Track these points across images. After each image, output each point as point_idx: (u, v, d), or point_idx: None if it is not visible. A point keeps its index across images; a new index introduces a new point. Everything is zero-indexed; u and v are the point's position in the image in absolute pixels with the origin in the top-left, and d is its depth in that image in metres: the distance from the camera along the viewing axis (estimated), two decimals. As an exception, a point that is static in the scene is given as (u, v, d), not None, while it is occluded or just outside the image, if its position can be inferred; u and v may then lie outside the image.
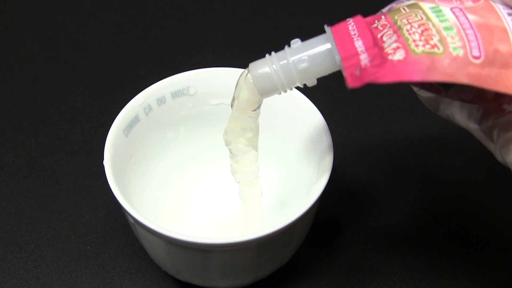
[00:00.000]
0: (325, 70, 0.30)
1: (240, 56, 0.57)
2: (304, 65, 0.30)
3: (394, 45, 0.28)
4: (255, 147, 0.36)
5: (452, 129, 0.50)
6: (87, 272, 0.42)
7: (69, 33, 0.59)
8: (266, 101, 0.40)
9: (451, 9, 0.28)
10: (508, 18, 0.28)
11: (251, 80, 0.32)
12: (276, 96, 0.35)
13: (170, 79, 0.41)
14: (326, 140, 0.38)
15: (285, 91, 0.32)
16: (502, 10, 0.28)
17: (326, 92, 0.52)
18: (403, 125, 0.51)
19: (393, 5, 0.30)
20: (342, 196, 0.46)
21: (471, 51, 0.27)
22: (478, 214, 0.45)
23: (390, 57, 0.27)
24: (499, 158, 0.30)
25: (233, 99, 0.34)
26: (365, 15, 0.32)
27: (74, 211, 0.45)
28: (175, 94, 0.41)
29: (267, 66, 0.31)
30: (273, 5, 0.62)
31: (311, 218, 0.39)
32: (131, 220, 0.35)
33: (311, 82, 0.31)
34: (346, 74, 0.28)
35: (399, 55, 0.27)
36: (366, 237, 0.44)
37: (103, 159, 0.36)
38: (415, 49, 0.27)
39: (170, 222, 0.42)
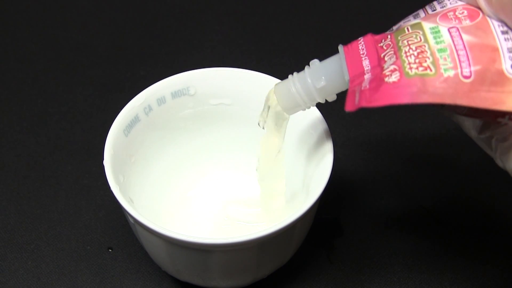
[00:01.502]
0: (341, 87, 0.33)
1: (240, 56, 0.57)
2: (322, 84, 0.33)
3: (392, 67, 0.29)
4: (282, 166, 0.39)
5: (452, 129, 0.50)
6: (87, 272, 0.42)
7: (69, 33, 0.59)
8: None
9: (448, 29, 0.29)
10: (502, 36, 0.29)
11: (276, 99, 0.35)
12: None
13: (170, 79, 0.41)
14: (326, 140, 0.38)
15: (308, 107, 0.35)
16: (496, 28, 0.29)
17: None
18: (403, 125, 0.51)
19: (401, 23, 0.32)
20: (342, 196, 0.46)
21: (462, 72, 0.28)
22: (478, 214, 0.45)
23: (386, 79, 0.29)
24: (500, 164, 0.31)
25: (262, 119, 0.37)
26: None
27: (74, 211, 0.45)
28: (175, 94, 0.41)
29: (290, 86, 0.34)
30: (273, 5, 0.62)
31: (311, 218, 0.39)
32: (131, 220, 0.35)
33: (331, 98, 0.34)
34: (347, 97, 0.31)
35: (394, 77, 0.29)
36: (366, 238, 0.44)
37: (103, 159, 0.36)
38: (409, 71, 0.29)
39: (170, 222, 0.42)
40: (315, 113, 0.39)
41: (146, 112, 0.40)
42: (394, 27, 0.32)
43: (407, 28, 0.31)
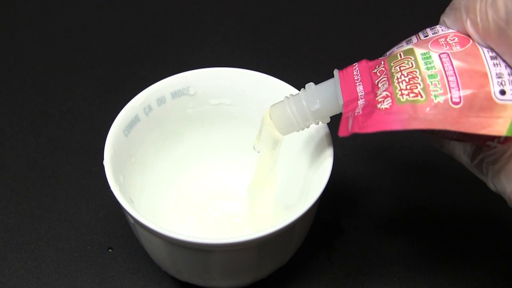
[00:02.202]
0: (335, 110, 0.34)
1: (240, 56, 0.57)
2: (316, 107, 0.34)
3: (384, 93, 0.30)
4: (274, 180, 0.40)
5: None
6: (87, 272, 0.42)
7: (69, 33, 0.59)
8: (267, 102, 0.40)
9: (439, 55, 0.30)
10: (491, 62, 0.29)
11: (272, 120, 0.36)
12: (275, 97, 0.37)
13: (170, 79, 0.41)
14: (326, 140, 0.38)
15: (302, 129, 0.36)
16: (486, 54, 0.30)
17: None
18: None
19: (394, 49, 0.33)
20: (342, 196, 0.46)
21: (451, 98, 0.29)
22: (478, 214, 0.45)
23: (379, 105, 0.30)
24: (492, 187, 0.32)
25: (257, 142, 0.38)
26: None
27: (74, 211, 0.45)
28: (175, 94, 0.41)
29: (285, 107, 0.35)
30: (273, 5, 0.62)
31: (311, 218, 0.39)
32: (131, 220, 0.35)
33: (325, 120, 0.35)
34: (341, 122, 0.31)
35: (386, 104, 0.30)
36: (366, 238, 0.44)
37: (103, 159, 0.36)
38: (400, 98, 0.29)
39: (170, 222, 0.42)
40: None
41: (146, 112, 0.40)
42: (388, 53, 0.33)
43: (400, 54, 0.31)
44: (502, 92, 0.29)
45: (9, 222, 0.44)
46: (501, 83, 0.29)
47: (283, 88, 0.40)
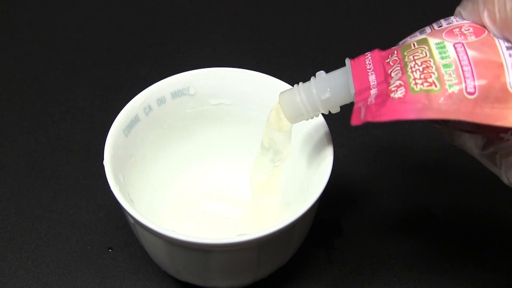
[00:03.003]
0: (345, 100, 0.33)
1: (240, 56, 0.57)
2: (326, 95, 0.33)
3: (398, 82, 0.29)
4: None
5: (452, 129, 0.50)
6: (87, 272, 0.42)
7: (69, 33, 0.59)
8: (267, 102, 0.40)
9: (454, 44, 0.29)
10: (506, 52, 0.29)
11: (280, 107, 0.36)
12: (275, 97, 0.36)
13: (170, 79, 0.41)
14: (326, 140, 0.38)
15: (312, 118, 0.35)
16: (501, 44, 0.29)
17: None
18: (403, 125, 0.51)
19: (407, 39, 0.32)
20: (342, 196, 0.46)
21: (466, 88, 0.28)
22: (478, 214, 0.45)
23: (392, 94, 0.29)
24: (505, 181, 0.31)
25: (266, 139, 0.38)
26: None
27: (74, 211, 0.45)
28: (175, 94, 0.41)
29: (295, 95, 0.34)
30: (273, 5, 0.62)
31: (311, 218, 0.39)
32: (131, 220, 0.35)
33: (335, 110, 0.34)
34: (354, 111, 0.31)
35: (400, 93, 0.29)
36: (366, 238, 0.44)
37: (103, 159, 0.36)
38: (414, 87, 0.29)
39: (170, 222, 0.42)
40: (318, 117, 0.39)
41: (146, 112, 0.40)
42: (400, 42, 0.32)
43: (413, 44, 0.31)
44: None
45: (9, 222, 0.44)
46: None
47: (283, 88, 0.40)
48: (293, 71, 0.55)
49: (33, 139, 0.50)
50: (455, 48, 0.29)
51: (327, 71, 0.34)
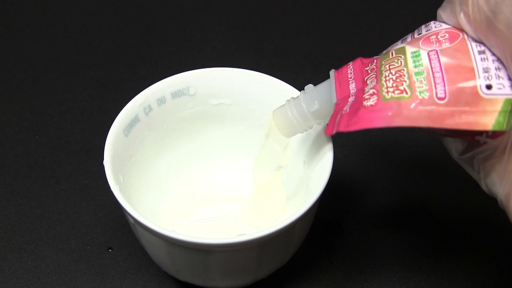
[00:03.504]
0: (333, 110, 0.33)
1: (240, 56, 0.57)
2: (315, 107, 0.35)
3: (371, 91, 0.30)
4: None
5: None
6: (87, 272, 0.42)
7: (69, 33, 0.59)
8: (267, 102, 0.40)
9: (428, 52, 0.30)
10: (478, 56, 0.29)
11: (275, 124, 0.37)
12: (275, 97, 0.37)
13: (170, 79, 0.41)
14: (326, 140, 0.38)
15: (306, 130, 0.36)
16: (474, 48, 0.30)
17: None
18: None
19: (390, 48, 0.33)
20: (342, 196, 0.46)
21: (436, 93, 0.29)
22: (478, 214, 0.45)
23: (365, 102, 0.30)
24: (484, 187, 0.31)
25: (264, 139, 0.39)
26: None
27: (74, 211, 0.45)
28: (175, 94, 0.41)
29: (286, 110, 0.36)
30: (273, 5, 0.62)
31: (311, 218, 0.39)
32: (131, 220, 0.35)
33: (327, 120, 0.35)
34: (329, 121, 0.32)
35: (372, 101, 0.30)
36: (366, 238, 0.44)
37: (103, 159, 0.36)
38: (386, 95, 0.29)
39: (170, 222, 0.42)
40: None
41: (146, 112, 0.40)
42: (384, 51, 0.33)
43: (392, 53, 0.31)
44: (488, 87, 0.29)
45: (9, 222, 0.44)
46: (488, 78, 0.29)
47: (283, 88, 0.40)
48: (293, 71, 0.55)
49: (33, 139, 0.50)
50: (429, 56, 0.30)
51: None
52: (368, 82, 0.31)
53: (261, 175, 0.40)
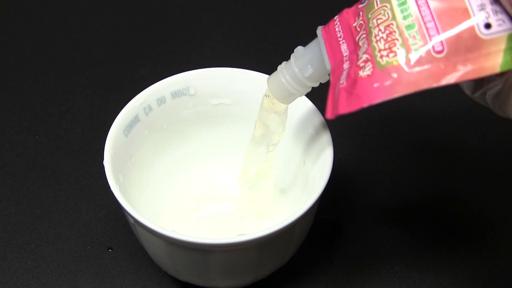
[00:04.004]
0: (328, 69, 0.32)
1: (240, 56, 0.57)
2: (310, 71, 0.33)
3: (364, 57, 0.28)
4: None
5: (452, 130, 0.50)
6: (87, 272, 0.42)
7: (69, 33, 0.59)
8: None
9: None
10: None
11: (270, 92, 0.35)
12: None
13: (170, 79, 0.41)
14: (326, 140, 0.38)
15: (304, 93, 0.35)
16: None
17: (326, 92, 0.52)
18: (403, 125, 0.51)
19: None
20: (342, 196, 0.46)
21: (433, 47, 0.26)
22: (478, 215, 0.45)
23: (361, 72, 0.27)
24: (502, 114, 0.30)
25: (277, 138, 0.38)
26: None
27: (74, 211, 0.45)
28: (175, 94, 0.41)
29: (280, 77, 0.34)
30: (273, 5, 0.62)
31: (311, 218, 0.39)
32: (131, 220, 0.35)
33: (324, 79, 0.33)
34: (328, 101, 0.29)
35: (368, 70, 0.27)
36: (366, 238, 0.44)
37: (103, 159, 0.36)
38: (380, 60, 0.27)
39: (170, 222, 0.42)
40: (315, 113, 0.39)
41: (146, 112, 0.40)
42: None
43: (376, 2, 0.28)
44: (487, 26, 0.26)
45: (9, 222, 0.44)
46: (485, 16, 0.26)
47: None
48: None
49: (33, 139, 0.50)
50: (416, 2, 0.27)
51: None
52: (360, 43, 0.28)
53: (255, 162, 0.39)
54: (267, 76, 0.41)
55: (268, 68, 0.55)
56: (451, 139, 0.50)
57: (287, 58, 0.58)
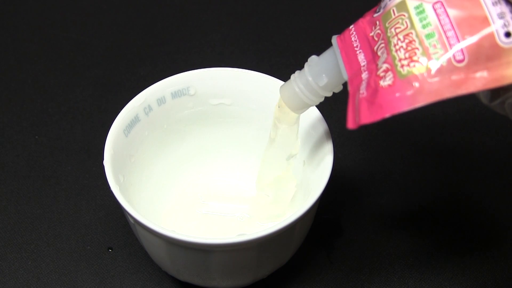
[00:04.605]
0: (345, 79, 0.32)
1: (240, 56, 0.57)
2: (324, 81, 0.33)
3: (385, 66, 0.28)
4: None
5: (452, 130, 0.50)
6: (87, 272, 0.42)
7: (69, 33, 0.59)
8: (267, 102, 0.40)
9: (433, 5, 0.27)
10: (489, 1, 0.26)
11: (283, 101, 0.35)
12: (275, 97, 0.36)
13: (170, 79, 0.41)
14: (326, 140, 0.38)
15: (317, 103, 0.34)
16: None
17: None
18: (403, 125, 0.51)
19: (387, 1, 0.30)
20: (342, 196, 0.46)
21: (454, 57, 0.26)
22: (478, 214, 0.45)
23: (381, 82, 0.27)
24: None
25: (273, 132, 0.38)
26: (359, 16, 0.32)
27: (74, 211, 0.45)
28: (175, 94, 0.41)
29: (293, 87, 0.34)
30: (273, 5, 0.62)
31: (311, 218, 0.39)
32: (131, 220, 0.35)
33: (338, 89, 0.33)
34: (348, 110, 0.29)
35: (388, 79, 0.27)
36: (366, 237, 0.44)
37: (103, 159, 0.36)
38: (401, 70, 0.27)
39: (170, 222, 0.42)
40: (315, 113, 0.39)
41: (146, 112, 0.40)
42: (382, 4, 0.30)
43: (393, 11, 0.28)
44: (507, 35, 0.26)
45: (9, 222, 0.44)
46: (505, 24, 0.26)
47: (283, 88, 0.40)
48: (293, 71, 0.55)
49: (33, 139, 0.50)
50: (435, 11, 0.27)
51: None
52: (379, 53, 0.28)
53: (273, 169, 0.39)
54: (267, 76, 0.41)
55: (268, 68, 0.55)
56: (451, 139, 0.50)
57: (287, 58, 0.58)
